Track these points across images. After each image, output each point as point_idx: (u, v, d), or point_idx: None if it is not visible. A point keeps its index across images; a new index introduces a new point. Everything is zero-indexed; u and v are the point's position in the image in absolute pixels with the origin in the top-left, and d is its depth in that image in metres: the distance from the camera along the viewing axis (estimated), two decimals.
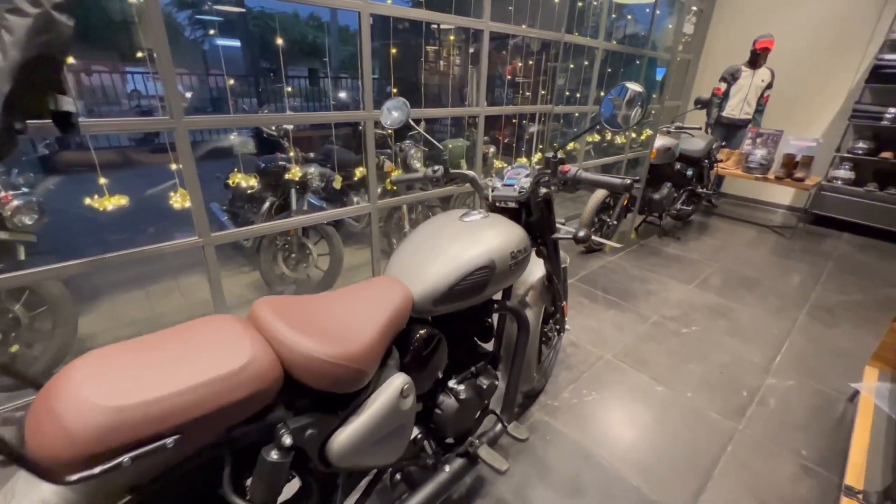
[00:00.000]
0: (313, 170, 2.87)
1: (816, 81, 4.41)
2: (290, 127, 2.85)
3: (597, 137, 4.30)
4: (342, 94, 8.30)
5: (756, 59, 4.16)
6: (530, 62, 5.07)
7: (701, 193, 3.97)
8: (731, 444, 1.65)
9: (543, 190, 1.27)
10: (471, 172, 1.35)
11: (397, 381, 0.92)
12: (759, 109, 4.34)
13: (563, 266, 1.67)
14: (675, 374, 2.03)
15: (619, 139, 4.26)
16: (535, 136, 3.78)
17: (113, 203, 1.62)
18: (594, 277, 3.01)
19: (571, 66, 3.54)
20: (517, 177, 1.32)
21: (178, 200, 1.77)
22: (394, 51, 3.00)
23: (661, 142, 3.42)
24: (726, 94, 4.42)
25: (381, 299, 0.95)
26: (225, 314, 0.81)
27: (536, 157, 3.67)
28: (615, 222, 3.37)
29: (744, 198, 5.21)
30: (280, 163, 2.89)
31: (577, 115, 4.00)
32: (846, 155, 4.21)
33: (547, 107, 3.39)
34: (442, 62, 6.59)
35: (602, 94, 3.73)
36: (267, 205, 2.94)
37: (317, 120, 1.98)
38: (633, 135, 4.09)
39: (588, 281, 2.96)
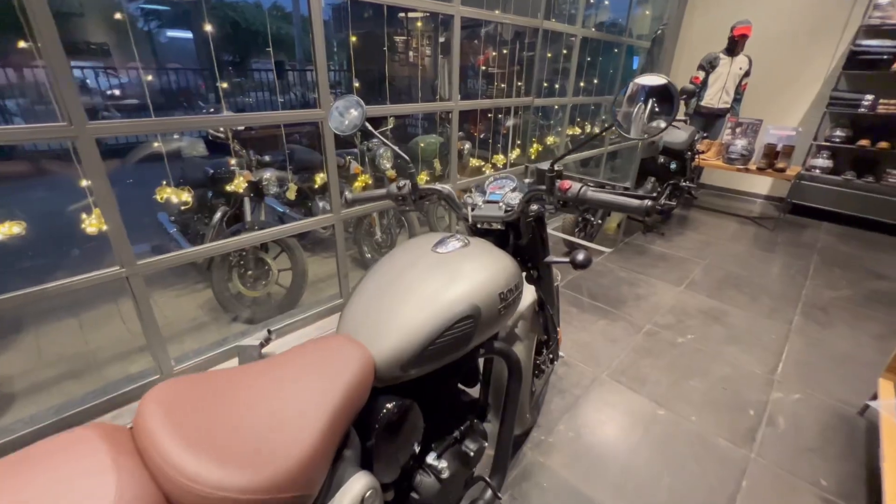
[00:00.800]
0: (269, 175, 2.56)
1: (793, 69, 4.33)
2: (241, 127, 2.54)
3: (576, 130, 4.11)
4: (298, 89, 7.86)
5: (734, 46, 4.04)
6: (504, 51, 4.82)
7: (684, 187, 3.84)
8: (745, 477, 1.48)
9: (535, 206, 1.04)
10: (445, 188, 1.11)
11: (357, 487, 0.68)
12: (737, 98, 4.23)
13: (554, 284, 1.45)
14: (676, 394, 1.86)
15: (597, 129, 4.09)
16: (512, 131, 3.55)
17: (3, 233, 1.30)
18: (580, 282, 2.82)
19: (549, 54, 3.32)
20: (502, 190, 1.09)
21: (94, 223, 1.46)
22: (355, 40, 2.71)
23: None
24: (704, 83, 4.30)
25: (331, 371, 0.70)
26: (96, 426, 0.55)
27: (514, 153, 3.44)
28: (599, 221, 3.20)
29: (722, 188, 5.15)
30: (231, 167, 2.57)
31: (556, 107, 3.78)
32: (824, 143, 4.16)
33: (526, 99, 3.17)
34: (412, 53, 6.26)
35: (582, 84, 3.53)
36: (219, 214, 2.62)
37: (262, 121, 1.70)
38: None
39: (574, 286, 2.77)
